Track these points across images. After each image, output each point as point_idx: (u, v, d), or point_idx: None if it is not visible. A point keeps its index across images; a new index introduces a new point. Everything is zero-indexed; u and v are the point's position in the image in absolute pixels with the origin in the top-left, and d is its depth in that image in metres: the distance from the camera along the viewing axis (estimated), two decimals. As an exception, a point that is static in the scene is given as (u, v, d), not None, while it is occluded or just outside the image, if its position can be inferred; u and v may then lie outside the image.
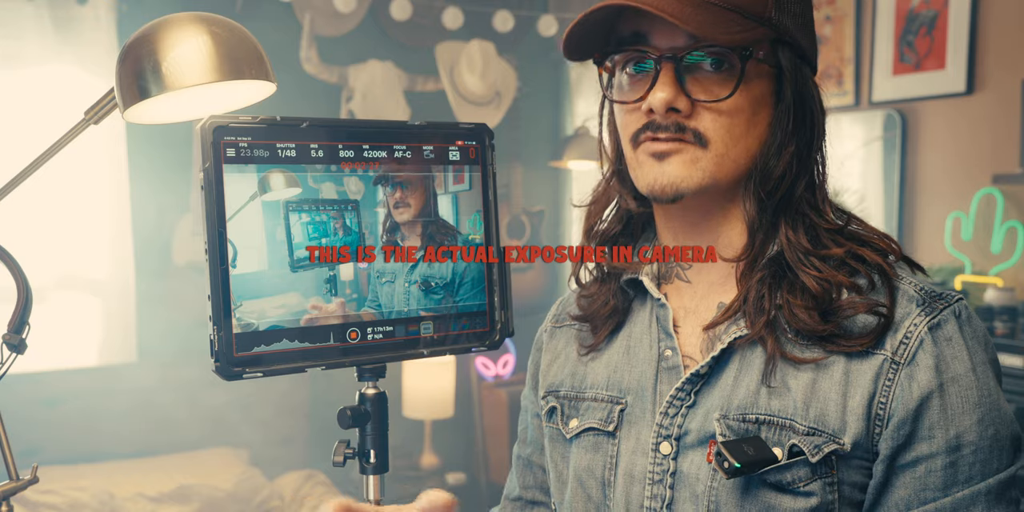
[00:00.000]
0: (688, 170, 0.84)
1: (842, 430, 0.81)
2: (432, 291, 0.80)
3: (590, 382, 0.96)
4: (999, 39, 2.81)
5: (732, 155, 0.84)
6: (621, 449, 0.91)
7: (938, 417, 0.80)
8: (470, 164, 0.82)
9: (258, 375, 0.71)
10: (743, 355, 0.86)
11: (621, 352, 0.95)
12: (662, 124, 0.83)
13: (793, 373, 0.83)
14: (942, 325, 0.82)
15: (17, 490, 0.87)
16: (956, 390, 0.80)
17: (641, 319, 0.95)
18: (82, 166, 3.24)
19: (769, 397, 0.84)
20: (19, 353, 0.91)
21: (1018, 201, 2.70)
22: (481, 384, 4.08)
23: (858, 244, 0.86)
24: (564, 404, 0.98)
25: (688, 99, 0.83)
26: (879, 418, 0.81)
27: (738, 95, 0.83)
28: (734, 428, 0.84)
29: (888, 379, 0.81)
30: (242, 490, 3.17)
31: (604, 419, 0.93)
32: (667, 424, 0.88)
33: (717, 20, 0.80)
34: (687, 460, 0.86)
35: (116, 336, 3.39)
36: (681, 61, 0.83)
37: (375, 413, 0.79)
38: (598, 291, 0.97)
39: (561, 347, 1.03)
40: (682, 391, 0.88)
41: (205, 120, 0.70)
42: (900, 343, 0.81)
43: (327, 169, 0.75)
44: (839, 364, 0.82)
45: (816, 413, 0.82)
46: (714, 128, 0.83)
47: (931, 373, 0.80)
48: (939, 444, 0.80)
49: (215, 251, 0.69)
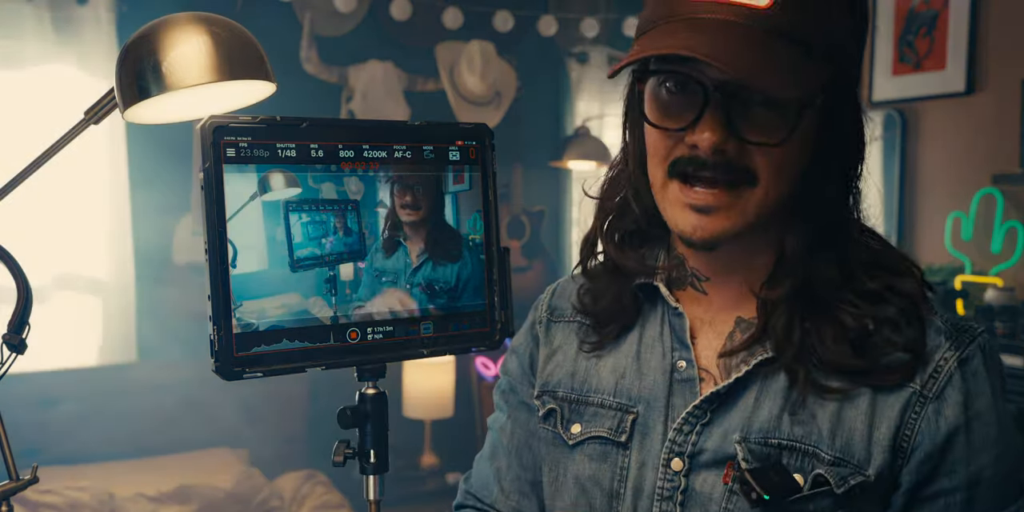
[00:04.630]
0: (732, 221, 0.79)
1: (867, 461, 0.80)
2: (436, 295, 0.79)
3: (595, 386, 0.92)
4: (999, 39, 2.81)
5: (777, 193, 0.79)
6: (631, 461, 0.88)
7: (962, 453, 0.79)
8: (470, 164, 0.82)
9: (258, 375, 0.71)
10: (764, 376, 0.84)
11: (631, 358, 0.91)
12: (708, 162, 0.76)
13: (819, 401, 0.81)
14: (970, 360, 0.81)
15: (17, 490, 0.87)
16: (979, 427, 0.80)
17: (653, 325, 0.91)
18: (82, 166, 3.23)
19: (792, 423, 0.82)
20: (19, 353, 0.91)
21: (1018, 201, 2.70)
22: (481, 384, 4.07)
23: (891, 273, 0.83)
24: (564, 407, 0.94)
25: (737, 140, 0.76)
26: (902, 451, 0.80)
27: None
28: (755, 452, 0.82)
29: (915, 412, 0.80)
30: (242, 490, 3.17)
31: (614, 428, 0.89)
32: (680, 441, 0.85)
33: (776, 65, 0.72)
34: (699, 478, 0.84)
35: (116, 336, 3.39)
36: (731, 96, 0.75)
37: (375, 413, 0.79)
38: (607, 286, 0.93)
39: (558, 343, 0.98)
40: (699, 409, 0.85)
41: (205, 120, 0.70)
42: (930, 377, 0.80)
43: (327, 169, 0.74)
44: (866, 394, 0.81)
45: (842, 443, 0.80)
46: (764, 166, 0.77)
47: (959, 409, 0.80)
48: (960, 479, 0.80)
49: (215, 251, 0.69)
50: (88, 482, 2.99)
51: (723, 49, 0.71)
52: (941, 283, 2.78)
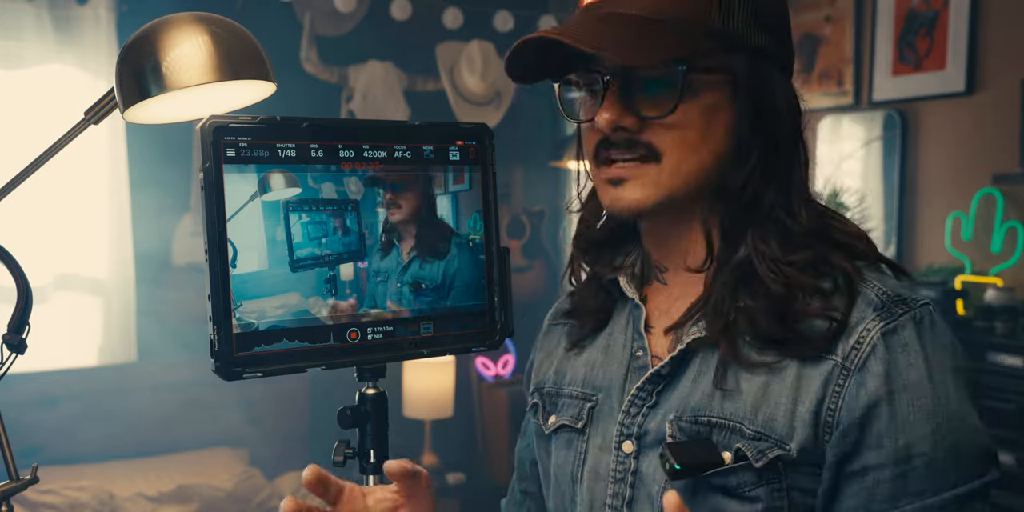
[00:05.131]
0: (644, 191, 0.83)
1: (789, 436, 0.80)
2: (422, 293, 0.80)
3: (569, 379, 0.97)
4: (999, 39, 2.81)
5: (687, 167, 0.83)
6: (589, 446, 0.92)
7: (887, 426, 0.78)
8: (470, 164, 0.82)
9: (258, 375, 0.71)
10: (704, 357, 0.86)
11: (600, 351, 0.96)
12: (614, 141, 0.83)
13: (747, 376, 0.83)
14: (898, 331, 0.79)
15: (17, 490, 0.87)
16: (908, 398, 0.78)
17: (620, 319, 0.96)
18: (82, 166, 3.23)
19: (723, 400, 0.83)
20: (19, 353, 0.91)
21: (1018, 201, 2.70)
22: (481, 384, 4.08)
23: (831, 246, 0.85)
24: (545, 401, 0.99)
25: (634, 116, 0.82)
26: (827, 425, 0.79)
27: (686, 108, 0.81)
28: (686, 430, 0.84)
29: (838, 385, 0.79)
30: (242, 490, 3.17)
31: (575, 416, 0.94)
32: (629, 423, 0.88)
33: (642, 40, 0.79)
34: (646, 460, 0.86)
35: (116, 336, 3.39)
36: (625, 79, 0.82)
37: (375, 413, 0.79)
38: (584, 290, 0.98)
39: (553, 345, 1.03)
40: (643, 391, 0.88)
41: (205, 120, 0.70)
42: (852, 348, 0.80)
43: (327, 169, 0.75)
44: (792, 369, 0.81)
45: (764, 418, 0.81)
46: (666, 141, 0.82)
47: (880, 380, 0.78)
48: (887, 454, 0.78)
49: (215, 251, 0.69)
50: (88, 482, 2.99)
51: (586, 31, 0.80)
52: (941, 283, 2.78)
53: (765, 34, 0.84)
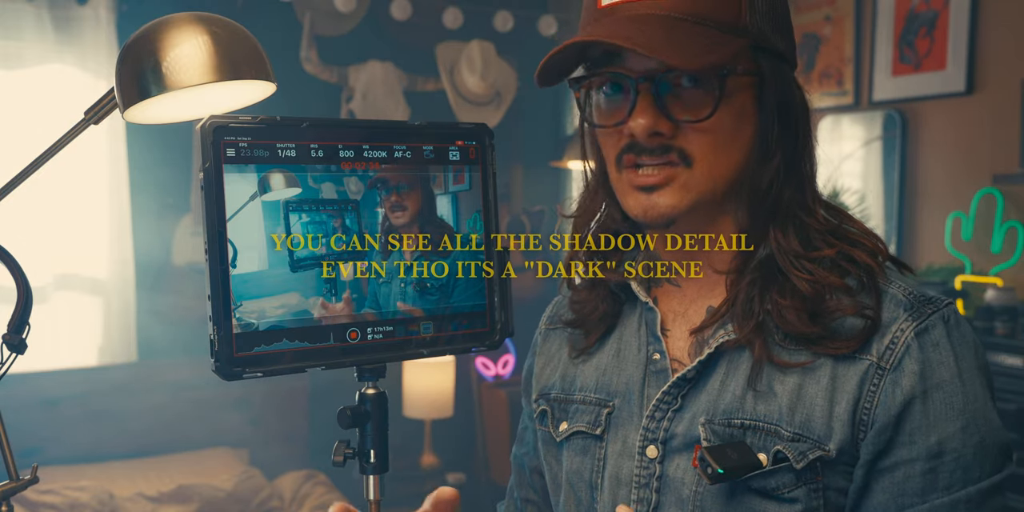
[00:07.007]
0: (677, 197, 0.82)
1: (827, 436, 0.80)
2: (427, 292, 0.80)
3: (579, 384, 0.96)
4: (999, 39, 2.81)
5: (718, 170, 0.83)
6: (608, 452, 0.91)
7: (920, 422, 0.79)
8: (470, 164, 0.82)
9: (258, 375, 0.71)
10: (731, 359, 0.86)
11: (611, 355, 0.95)
12: (646, 147, 0.82)
13: (780, 377, 0.83)
14: (929, 330, 0.81)
15: (17, 490, 0.87)
16: (940, 396, 0.79)
17: (631, 323, 0.95)
18: (82, 166, 3.23)
19: (755, 402, 0.83)
20: (19, 353, 0.91)
21: (1018, 201, 2.70)
22: (481, 384, 4.08)
23: (849, 244, 0.85)
24: (554, 407, 0.97)
25: (669, 121, 0.81)
26: (863, 423, 0.80)
27: (720, 111, 0.81)
28: (719, 433, 0.83)
29: (873, 384, 0.80)
30: (242, 490, 3.17)
31: (592, 422, 0.93)
32: (653, 428, 0.87)
33: (688, 41, 0.78)
34: (673, 464, 0.86)
35: (116, 336, 3.39)
36: (658, 83, 0.81)
37: (375, 413, 0.79)
38: (588, 296, 0.97)
39: (554, 350, 1.02)
40: (668, 395, 0.87)
41: (205, 120, 0.70)
42: (887, 348, 0.80)
43: (327, 169, 0.74)
44: (826, 369, 0.82)
45: (802, 419, 0.81)
46: (699, 145, 0.81)
47: (915, 379, 0.79)
48: (919, 449, 0.79)
49: (215, 251, 0.69)
50: (88, 482, 2.99)
51: (635, 31, 0.78)
52: (941, 283, 2.78)
53: (780, 28, 0.85)
